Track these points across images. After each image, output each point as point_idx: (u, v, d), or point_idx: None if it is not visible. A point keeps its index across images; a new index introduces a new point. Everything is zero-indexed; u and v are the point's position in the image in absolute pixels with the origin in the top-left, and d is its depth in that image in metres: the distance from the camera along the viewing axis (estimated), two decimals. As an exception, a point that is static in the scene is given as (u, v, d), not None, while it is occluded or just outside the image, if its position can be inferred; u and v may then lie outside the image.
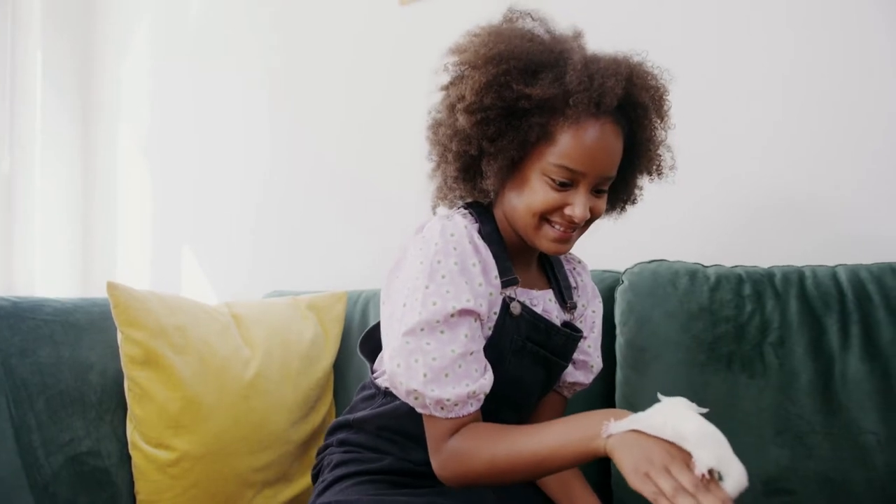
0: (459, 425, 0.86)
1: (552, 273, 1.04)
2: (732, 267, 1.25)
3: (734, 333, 1.15)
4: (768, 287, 1.17)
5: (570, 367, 1.04)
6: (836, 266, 1.19)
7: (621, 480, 1.18)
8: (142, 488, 1.17)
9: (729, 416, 1.11)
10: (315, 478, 1.08)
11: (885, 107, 1.28)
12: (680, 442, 0.69)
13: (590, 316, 1.07)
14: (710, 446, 0.67)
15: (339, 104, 1.97)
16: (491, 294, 0.90)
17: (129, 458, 1.19)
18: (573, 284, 1.06)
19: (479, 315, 0.87)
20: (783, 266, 1.23)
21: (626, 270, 1.30)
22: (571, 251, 1.06)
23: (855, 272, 1.16)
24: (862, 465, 1.01)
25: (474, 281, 0.87)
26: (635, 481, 0.69)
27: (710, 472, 0.66)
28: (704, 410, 0.72)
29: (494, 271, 0.91)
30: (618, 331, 1.25)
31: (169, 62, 2.37)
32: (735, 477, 0.65)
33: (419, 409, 0.87)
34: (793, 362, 1.10)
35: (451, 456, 0.85)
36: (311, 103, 2.03)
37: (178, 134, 2.33)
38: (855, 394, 1.05)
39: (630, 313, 1.23)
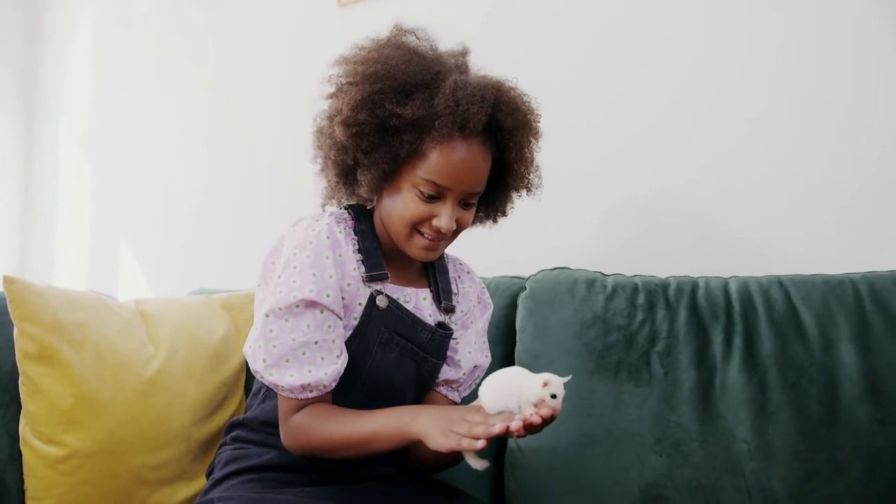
0: (303, 405, 0.94)
1: (433, 276, 1.08)
2: (631, 276, 1.27)
3: (624, 342, 1.17)
4: (661, 297, 1.20)
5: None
6: (730, 278, 1.22)
7: (514, 500, 1.20)
8: (31, 485, 1.16)
9: (613, 424, 1.13)
10: (209, 476, 1.10)
11: (786, 125, 1.31)
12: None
13: (467, 319, 1.10)
14: (492, 398, 0.83)
15: (275, 105, 1.97)
16: (349, 285, 0.96)
17: (19, 454, 1.18)
18: (454, 291, 1.09)
19: (324, 307, 0.93)
20: (680, 276, 1.25)
21: (529, 277, 1.32)
22: (462, 261, 1.15)
23: (745, 284, 1.18)
24: (731, 473, 1.04)
25: (325, 273, 0.93)
26: (443, 442, 0.80)
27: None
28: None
29: (354, 265, 0.97)
30: (517, 337, 1.27)
31: (110, 61, 2.35)
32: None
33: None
34: (677, 371, 1.13)
35: (294, 430, 0.94)
36: (248, 103, 2.03)
37: (117, 134, 2.32)
38: (732, 403, 1.08)
39: (528, 319, 1.25)
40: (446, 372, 1.08)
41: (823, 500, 0.99)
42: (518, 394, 0.81)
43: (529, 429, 0.79)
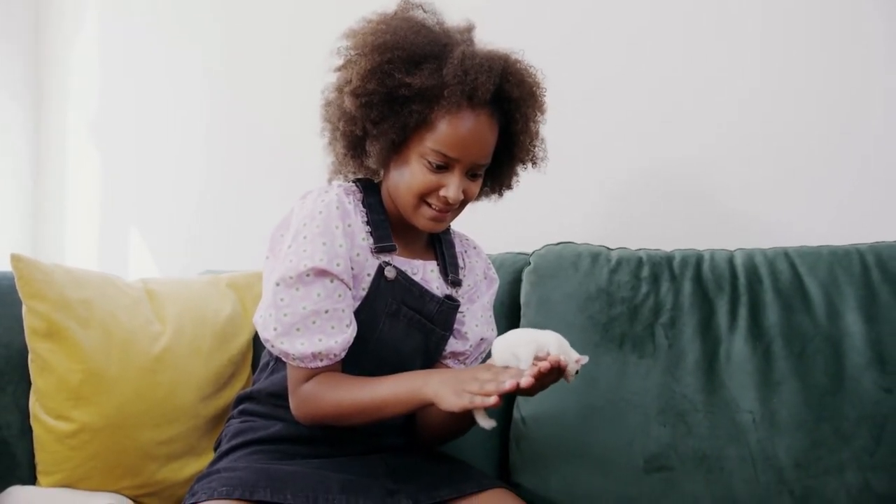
0: (313, 374, 0.95)
1: (440, 250, 1.08)
2: (636, 250, 1.26)
3: (628, 314, 1.17)
4: (665, 269, 1.19)
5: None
6: (735, 250, 1.21)
7: (518, 471, 1.20)
8: (41, 459, 1.18)
9: (617, 396, 1.13)
10: (216, 449, 1.11)
11: (792, 96, 1.30)
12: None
13: (473, 293, 1.09)
14: (504, 350, 0.84)
15: (278, 87, 1.97)
16: (358, 255, 0.97)
17: (30, 429, 1.19)
18: (461, 265, 1.09)
19: (334, 276, 0.93)
20: (685, 249, 1.24)
21: (533, 252, 1.32)
22: (468, 237, 1.15)
23: (750, 256, 1.18)
24: (736, 443, 1.04)
25: (335, 242, 0.94)
26: (456, 402, 0.80)
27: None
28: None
29: (363, 235, 0.98)
30: (522, 311, 1.26)
31: (116, 48, 2.35)
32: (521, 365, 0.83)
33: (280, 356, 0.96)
34: (681, 343, 1.12)
35: (304, 399, 0.95)
36: (251, 86, 2.02)
37: (125, 120, 2.32)
38: (737, 374, 1.08)
39: (532, 294, 1.25)
40: (453, 344, 1.08)
41: (829, 468, 0.99)
42: (536, 342, 0.83)
43: (540, 380, 0.81)
